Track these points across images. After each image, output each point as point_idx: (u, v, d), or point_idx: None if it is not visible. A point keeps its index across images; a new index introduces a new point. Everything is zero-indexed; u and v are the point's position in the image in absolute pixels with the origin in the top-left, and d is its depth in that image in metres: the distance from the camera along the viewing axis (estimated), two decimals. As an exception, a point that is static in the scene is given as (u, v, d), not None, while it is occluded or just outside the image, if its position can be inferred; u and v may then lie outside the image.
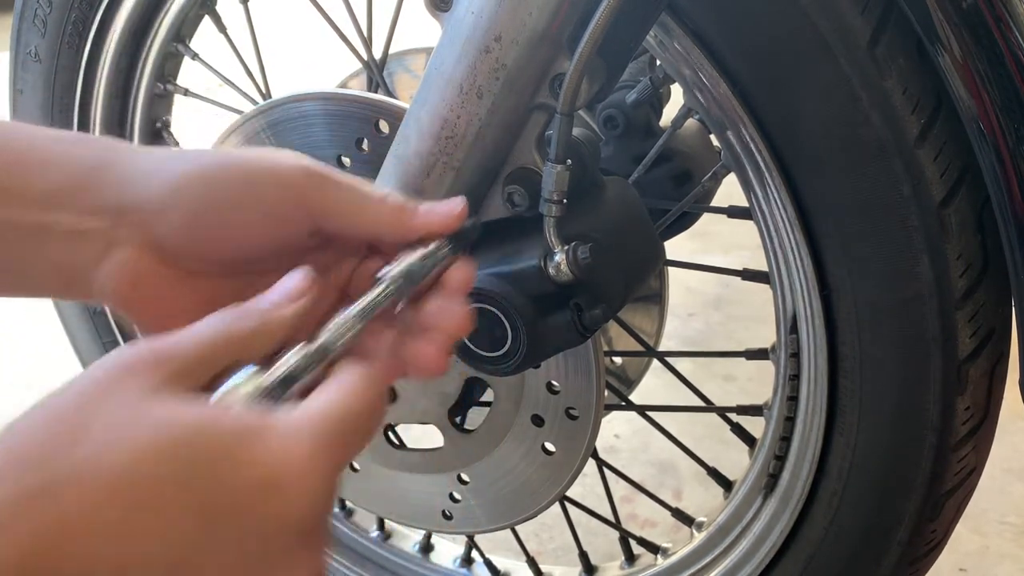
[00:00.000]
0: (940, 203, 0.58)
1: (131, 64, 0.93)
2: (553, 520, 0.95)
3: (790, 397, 0.73)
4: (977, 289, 0.60)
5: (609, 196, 0.61)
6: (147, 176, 0.46)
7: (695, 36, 0.62)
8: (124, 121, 0.97)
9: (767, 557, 0.79)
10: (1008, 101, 0.52)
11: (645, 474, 1.38)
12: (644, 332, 1.10)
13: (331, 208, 0.46)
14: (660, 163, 0.91)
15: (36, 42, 0.91)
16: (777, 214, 0.66)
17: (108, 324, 1.06)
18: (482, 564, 1.01)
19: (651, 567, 0.89)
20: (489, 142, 0.59)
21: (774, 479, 0.77)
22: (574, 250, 0.55)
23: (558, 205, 0.56)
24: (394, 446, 0.87)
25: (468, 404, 0.82)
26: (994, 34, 0.51)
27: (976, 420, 0.65)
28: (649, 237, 0.63)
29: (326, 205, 0.46)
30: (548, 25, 0.55)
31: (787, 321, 0.70)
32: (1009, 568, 1.20)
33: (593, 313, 0.56)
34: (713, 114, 0.65)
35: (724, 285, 1.87)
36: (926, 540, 0.71)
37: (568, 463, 0.78)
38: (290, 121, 0.75)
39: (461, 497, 0.85)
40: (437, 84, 0.59)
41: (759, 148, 0.63)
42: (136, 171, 0.46)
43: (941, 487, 0.68)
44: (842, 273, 0.64)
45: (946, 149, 0.57)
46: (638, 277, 0.61)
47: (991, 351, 0.63)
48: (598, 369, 0.73)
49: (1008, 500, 1.30)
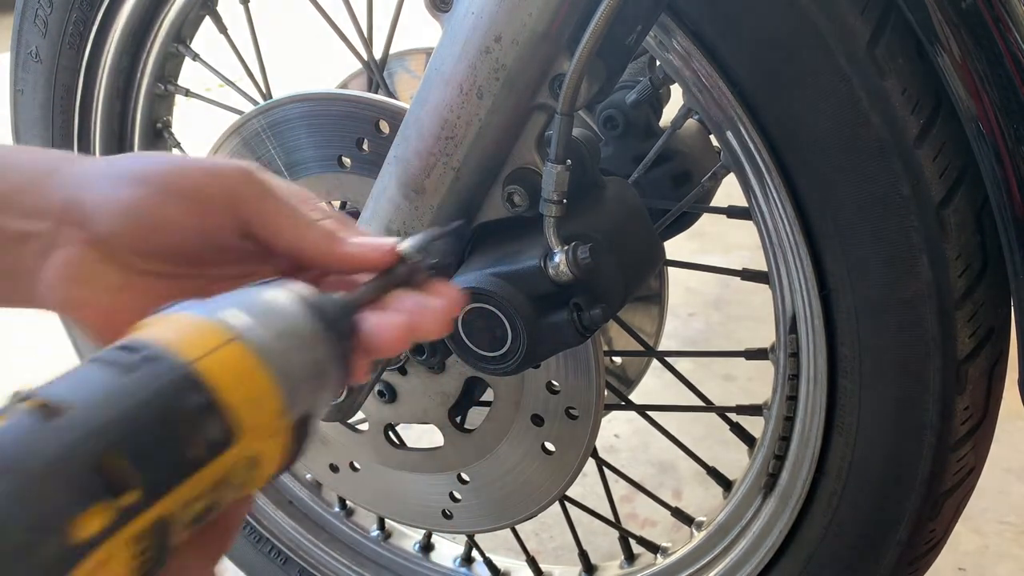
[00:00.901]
0: (939, 203, 0.58)
1: (132, 64, 0.93)
2: (553, 519, 0.95)
3: (789, 397, 0.73)
4: (976, 289, 0.61)
5: (609, 196, 0.61)
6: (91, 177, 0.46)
7: (695, 36, 0.62)
8: (125, 121, 0.97)
9: (766, 556, 0.79)
10: (1007, 101, 0.52)
11: (645, 474, 1.38)
12: (644, 332, 1.10)
13: (261, 215, 0.46)
14: (660, 163, 0.91)
15: (37, 42, 0.91)
16: (776, 214, 0.66)
17: (109, 324, 1.06)
18: (482, 563, 1.01)
19: (651, 566, 0.90)
20: (489, 142, 0.59)
21: (773, 479, 0.77)
22: (574, 250, 0.55)
23: (558, 205, 0.56)
24: (394, 446, 0.87)
25: (468, 404, 0.82)
26: (993, 34, 0.51)
27: (975, 420, 0.65)
28: (649, 237, 0.63)
29: (256, 210, 0.46)
30: (548, 25, 0.55)
31: (786, 321, 0.70)
32: (1009, 568, 1.20)
33: (593, 313, 0.56)
34: (713, 114, 0.65)
35: (724, 285, 1.87)
36: (925, 539, 0.71)
37: (568, 463, 0.78)
38: (290, 121, 0.76)
39: (461, 497, 0.85)
40: (437, 84, 0.59)
41: (758, 148, 0.63)
42: (82, 173, 0.46)
43: (940, 487, 0.68)
44: (841, 273, 0.64)
45: (945, 149, 0.57)
46: (638, 277, 0.61)
47: (990, 351, 0.63)
48: (598, 369, 0.73)
49: (1008, 500, 1.30)
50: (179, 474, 0.33)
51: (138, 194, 0.45)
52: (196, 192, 0.45)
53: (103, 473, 0.31)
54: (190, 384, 0.34)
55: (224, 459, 0.35)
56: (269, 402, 0.37)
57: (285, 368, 0.37)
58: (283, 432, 0.38)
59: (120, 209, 0.45)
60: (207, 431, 0.34)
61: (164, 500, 0.33)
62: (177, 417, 0.33)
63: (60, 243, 0.46)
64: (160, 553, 0.33)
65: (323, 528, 1.07)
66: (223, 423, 0.35)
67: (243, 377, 0.36)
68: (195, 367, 0.35)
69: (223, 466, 0.35)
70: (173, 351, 0.35)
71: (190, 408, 0.34)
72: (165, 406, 0.33)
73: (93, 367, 0.34)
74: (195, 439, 0.34)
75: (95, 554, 0.31)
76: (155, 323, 0.37)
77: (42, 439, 0.31)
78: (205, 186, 0.46)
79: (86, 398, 0.32)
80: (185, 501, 0.34)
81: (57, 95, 0.93)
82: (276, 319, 0.38)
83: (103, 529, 0.31)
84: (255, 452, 0.36)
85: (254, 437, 0.36)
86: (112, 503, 0.31)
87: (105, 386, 0.33)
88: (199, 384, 0.34)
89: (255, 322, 0.37)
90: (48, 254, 0.46)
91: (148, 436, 0.33)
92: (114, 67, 0.93)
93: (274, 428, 0.37)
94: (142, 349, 0.35)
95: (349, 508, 1.07)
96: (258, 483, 0.38)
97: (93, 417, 0.32)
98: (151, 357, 0.34)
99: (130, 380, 0.33)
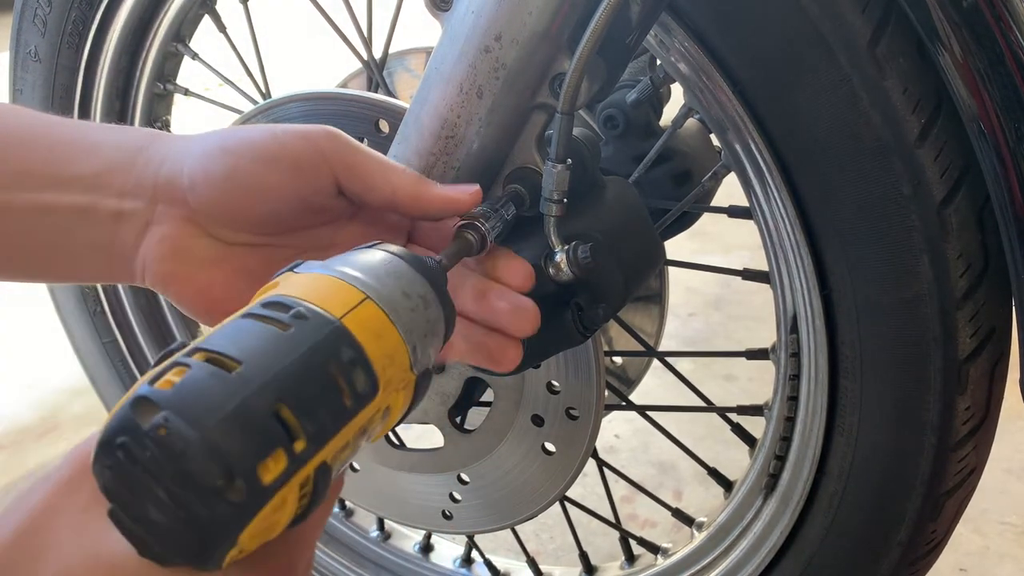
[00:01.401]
0: (940, 203, 0.58)
1: (131, 64, 0.93)
2: (554, 520, 0.95)
3: (790, 397, 0.73)
4: (977, 289, 0.60)
5: (610, 196, 0.61)
6: (180, 153, 0.48)
7: (696, 36, 0.62)
8: (124, 121, 0.97)
9: (767, 557, 0.79)
10: (1008, 100, 0.52)
11: (645, 474, 1.38)
12: (644, 332, 1.10)
13: (352, 167, 0.48)
14: (660, 162, 0.91)
15: (36, 41, 0.91)
16: (777, 214, 0.66)
17: (107, 324, 1.06)
18: (482, 564, 1.01)
19: (651, 567, 0.89)
20: (489, 142, 0.59)
21: (774, 479, 0.77)
22: (574, 249, 0.55)
23: (558, 204, 0.56)
24: (394, 446, 0.87)
25: (468, 404, 0.82)
26: (994, 33, 0.51)
27: (976, 420, 0.65)
28: (649, 237, 0.63)
29: (348, 163, 0.48)
30: (548, 25, 0.55)
31: (787, 321, 0.70)
32: (1010, 568, 1.20)
33: (593, 313, 0.56)
34: (713, 114, 0.65)
35: (724, 285, 1.87)
36: (926, 540, 0.71)
37: (568, 463, 0.78)
38: (291, 121, 0.75)
39: (461, 497, 0.85)
40: (437, 84, 0.59)
41: (759, 148, 0.63)
42: (170, 150, 0.48)
43: (941, 487, 0.68)
44: (842, 273, 0.64)
45: (946, 149, 0.57)
46: (638, 277, 0.61)
47: (991, 351, 0.63)
48: (598, 369, 0.73)
49: (1009, 500, 1.30)
50: (337, 423, 0.36)
51: (237, 164, 0.47)
52: (292, 157, 0.47)
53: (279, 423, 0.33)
54: (343, 340, 0.37)
55: (368, 409, 0.37)
56: (402, 357, 0.39)
57: (409, 326, 0.40)
58: (409, 385, 0.41)
59: (218, 181, 0.47)
60: (357, 384, 0.37)
61: (326, 447, 0.35)
62: (334, 371, 0.36)
63: (156, 220, 0.48)
64: (317, 497, 0.36)
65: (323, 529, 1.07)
66: (371, 376, 0.37)
67: (381, 334, 0.38)
68: (343, 322, 0.37)
69: (367, 415, 0.37)
70: (320, 309, 0.37)
71: (344, 362, 0.36)
72: (323, 361, 0.36)
73: (249, 323, 0.36)
74: (348, 391, 0.36)
75: (277, 495, 0.34)
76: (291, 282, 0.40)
77: (224, 392, 0.33)
78: (300, 150, 0.48)
79: (253, 353, 0.35)
80: (339, 447, 0.36)
81: (56, 94, 0.93)
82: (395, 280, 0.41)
83: (281, 473, 0.33)
84: (389, 402, 0.39)
85: (390, 389, 0.39)
86: (288, 450, 0.33)
87: (268, 341, 0.35)
88: (351, 339, 0.37)
89: (378, 283, 0.40)
90: (144, 232, 0.48)
91: (311, 388, 0.35)
92: (113, 66, 0.92)
93: (405, 381, 0.40)
94: (292, 306, 0.37)
95: (348, 508, 1.06)
96: (385, 431, 0.41)
97: (264, 371, 0.34)
98: (302, 314, 0.37)
99: (289, 336, 0.36)
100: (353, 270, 0.40)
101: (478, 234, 0.50)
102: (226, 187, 0.47)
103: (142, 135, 0.50)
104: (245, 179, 0.47)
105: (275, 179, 0.47)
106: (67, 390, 1.68)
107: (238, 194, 0.47)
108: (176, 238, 0.48)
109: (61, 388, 1.69)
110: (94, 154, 0.48)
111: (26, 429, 1.59)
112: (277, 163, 0.47)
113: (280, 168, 0.47)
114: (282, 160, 0.47)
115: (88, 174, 0.47)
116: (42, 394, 1.68)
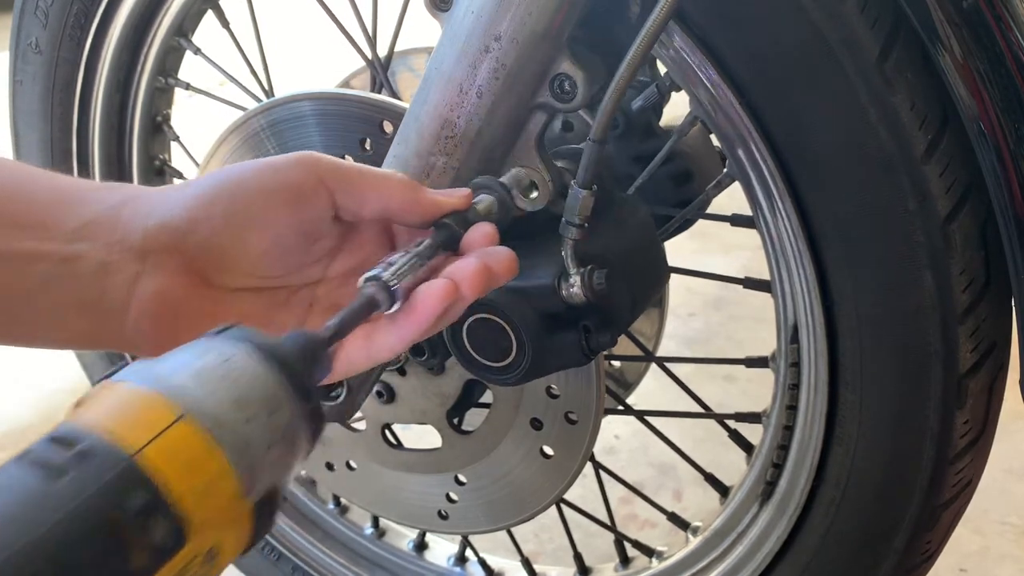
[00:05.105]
0: (945, 218, 0.58)
1: (133, 58, 0.93)
2: (553, 521, 0.95)
3: (789, 406, 0.72)
4: (979, 304, 0.60)
5: (624, 216, 0.60)
6: (170, 200, 0.47)
7: (703, 46, 0.62)
8: (124, 114, 0.96)
9: (763, 563, 0.79)
10: (1008, 101, 0.52)
11: (645, 475, 1.37)
12: (643, 335, 1.10)
13: (346, 182, 0.48)
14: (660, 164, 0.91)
15: (37, 33, 0.90)
16: (781, 225, 0.65)
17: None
18: (476, 563, 1.00)
19: (646, 570, 0.89)
20: (489, 142, 0.59)
21: (771, 487, 0.76)
22: (589, 274, 0.55)
23: (579, 229, 0.55)
24: (391, 446, 0.86)
25: (467, 406, 0.82)
26: (994, 33, 0.51)
27: (974, 434, 0.65)
28: (658, 257, 0.63)
29: (341, 179, 0.48)
30: (548, 25, 0.54)
31: (788, 331, 0.70)
32: (1010, 569, 1.20)
33: (601, 337, 0.56)
34: (720, 125, 0.65)
35: (724, 285, 1.85)
36: (921, 551, 0.71)
37: (566, 467, 0.78)
38: (292, 120, 0.75)
39: (458, 498, 0.85)
40: (437, 84, 0.58)
41: (765, 159, 0.63)
42: (159, 200, 0.47)
43: (938, 499, 0.68)
44: (845, 284, 0.64)
45: (952, 165, 0.57)
46: (645, 299, 0.61)
47: (991, 366, 0.63)
48: (598, 375, 0.73)
49: (1009, 500, 1.29)
50: None
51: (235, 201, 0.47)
52: (293, 185, 0.47)
53: None
54: (132, 481, 0.30)
55: (175, 562, 0.31)
56: (225, 487, 0.32)
57: (243, 443, 0.33)
58: (244, 517, 0.34)
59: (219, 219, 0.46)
60: (155, 534, 0.30)
61: None
62: (118, 526, 0.29)
63: (148, 272, 0.46)
64: None
65: (317, 525, 1.07)
66: (172, 523, 0.31)
67: (193, 463, 0.32)
68: (137, 459, 0.30)
69: (174, 569, 0.31)
70: (113, 441, 0.30)
71: (132, 512, 0.30)
72: (102, 515, 0.29)
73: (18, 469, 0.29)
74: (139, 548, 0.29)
75: None
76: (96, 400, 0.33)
77: None
78: (298, 176, 0.47)
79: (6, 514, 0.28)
80: None
81: (57, 87, 0.93)
82: (228, 385, 0.34)
83: None
84: (213, 543, 0.32)
85: (209, 529, 0.32)
86: None
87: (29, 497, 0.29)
88: (143, 480, 0.30)
89: (205, 391, 0.33)
90: (135, 286, 0.46)
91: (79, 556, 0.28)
92: (115, 60, 0.92)
93: (233, 514, 0.33)
94: (77, 441, 0.30)
95: (343, 506, 1.06)
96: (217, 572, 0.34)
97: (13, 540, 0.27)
98: (86, 452, 0.30)
99: (60, 487, 0.29)
100: (179, 376, 0.33)
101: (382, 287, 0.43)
102: (228, 225, 0.46)
103: (128, 189, 0.48)
104: (246, 214, 0.47)
105: (275, 211, 0.47)
106: (67, 391, 1.68)
107: (240, 231, 0.46)
108: (171, 291, 0.46)
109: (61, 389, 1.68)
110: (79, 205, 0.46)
111: (27, 430, 1.59)
112: (277, 194, 0.47)
113: (280, 199, 0.47)
114: (282, 191, 0.47)
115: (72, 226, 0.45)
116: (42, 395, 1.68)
